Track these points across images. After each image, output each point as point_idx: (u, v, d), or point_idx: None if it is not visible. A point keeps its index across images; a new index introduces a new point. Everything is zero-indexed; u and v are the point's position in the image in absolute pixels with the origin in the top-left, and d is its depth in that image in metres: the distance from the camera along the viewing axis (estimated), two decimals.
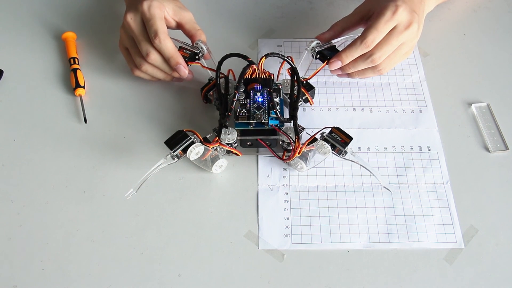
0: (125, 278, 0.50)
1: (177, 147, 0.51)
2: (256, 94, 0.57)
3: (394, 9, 0.55)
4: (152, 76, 0.61)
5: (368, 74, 0.60)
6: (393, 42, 0.56)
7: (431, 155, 0.59)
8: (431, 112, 0.62)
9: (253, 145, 0.57)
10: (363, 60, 0.57)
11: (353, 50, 0.57)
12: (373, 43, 0.56)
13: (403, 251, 0.52)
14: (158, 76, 0.61)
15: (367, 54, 0.57)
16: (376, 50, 0.56)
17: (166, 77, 0.61)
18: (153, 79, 0.62)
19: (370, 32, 0.55)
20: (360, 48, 0.56)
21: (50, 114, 0.62)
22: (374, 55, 0.56)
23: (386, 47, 0.56)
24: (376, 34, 0.55)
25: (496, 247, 0.52)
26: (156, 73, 0.60)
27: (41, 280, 0.50)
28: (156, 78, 0.61)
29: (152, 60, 0.58)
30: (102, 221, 0.54)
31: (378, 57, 0.56)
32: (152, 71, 0.60)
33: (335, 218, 0.54)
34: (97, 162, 0.58)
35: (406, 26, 0.56)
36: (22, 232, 0.53)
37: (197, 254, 0.52)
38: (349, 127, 0.60)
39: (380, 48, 0.56)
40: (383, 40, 0.56)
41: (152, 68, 0.60)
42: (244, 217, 0.54)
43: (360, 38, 0.56)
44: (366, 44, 0.55)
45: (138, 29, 0.58)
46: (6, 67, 0.65)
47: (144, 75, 0.61)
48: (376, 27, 0.55)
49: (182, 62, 0.58)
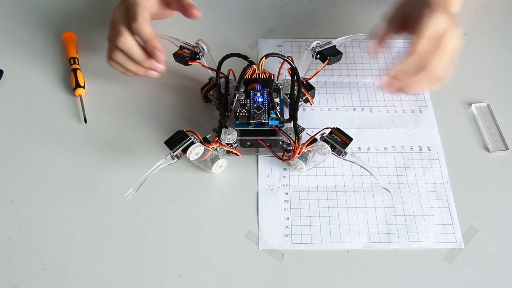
0: (125, 278, 0.50)
1: (177, 147, 0.51)
2: (256, 94, 0.57)
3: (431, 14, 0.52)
4: (124, 67, 0.58)
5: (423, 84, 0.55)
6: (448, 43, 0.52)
7: (431, 155, 0.59)
8: (431, 112, 0.62)
9: (253, 145, 0.57)
10: (417, 71, 0.53)
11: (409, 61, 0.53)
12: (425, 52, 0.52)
13: (403, 251, 0.52)
14: (130, 67, 0.58)
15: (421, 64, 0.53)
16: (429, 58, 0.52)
17: (138, 70, 0.58)
18: (128, 73, 0.59)
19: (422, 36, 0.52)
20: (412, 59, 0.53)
21: (50, 114, 0.62)
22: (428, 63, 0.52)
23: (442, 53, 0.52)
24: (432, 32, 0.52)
25: (496, 247, 0.52)
26: (127, 64, 0.58)
27: (41, 280, 0.50)
28: (129, 70, 0.59)
29: (122, 44, 0.55)
30: (102, 221, 0.54)
31: (433, 63, 0.52)
32: (124, 61, 0.58)
33: (335, 218, 0.54)
34: (97, 162, 0.58)
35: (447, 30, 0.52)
36: (22, 232, 0.53)
37: (197, 254, 0.52)
38: (349, 127, 0.60)
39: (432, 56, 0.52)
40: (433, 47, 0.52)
41: (124, 58, 0.57)
42: (244, 217, 0.54)
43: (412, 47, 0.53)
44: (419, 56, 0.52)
45: (119, 15, 0.56)
46: (6, 67, 0.65)
47: (117, 65, 0.59)
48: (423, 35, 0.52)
49: (160, 47, 0.56)
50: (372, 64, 0.67)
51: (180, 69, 0.63)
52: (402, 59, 0.54)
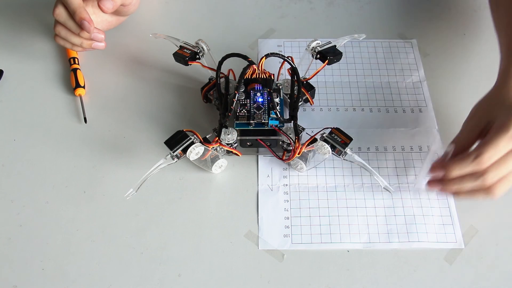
0: (125, 278, 0.50)
1: (177, 147, 0.51)
2: (256, 94, 0.57)
3: None
4: (68, 41, 0.59)
5: (477, 196, 0.50)
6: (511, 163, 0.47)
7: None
8: (431, 112, 0.62)
9: (253, 145, 0.57)
10: (473, 179, 0.48)
11: (464, 165, 0.47)
12: (489, 162, 0.47)
13: (403, 251, 0.52)
14: (73, 40, 0.59)
15: (478, 172, 0.47)
16: (490, 169, 0.47)
17: (82, 43, 0.59)
18: (75, 47, 0.60)
19: (488, 149, 0.46)
20: (472, 165, 0.47)
21: (50, 114, 0.62)
22: (487, 174, 0.47)
23: (502, 168, 0.47)
24: (495, 152, 0.46)
25: (496, 247, 0.52)
26: (69, 37, 0.58)
27: (41, 280, 0.50)
28: (75, 44, 0.59)
29: (57, 15, 0.56)
30: (102, 221, 0.54)
31: (490, 178, 0.47)
32: (65, 35, 0.58)
33: (335, 218, 0.54)
34: (97, 162, 0.58)
35: None
36: (22, 232, 0.53)
37: (197, 254, 0.52)
38: (349, 127, 0.60)
39: (496, 169, 0.47)
40: (501, 159, 0.47)
41: (64, 31, 0.58)
42: (244, 217, 0.54)
43: (474, 153, 0.47)
44: (481, 162, 0.47)
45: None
46: (6, 67, 0.65)
47: (61, 40, 0.59)
48: (496, 144, 0.46)
49: (87, 17, 0.55)
50: (372, 64, 0.67)
51: (180, 69, 0.63)
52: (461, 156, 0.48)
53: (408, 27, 0.71)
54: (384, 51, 0.68)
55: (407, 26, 0.71)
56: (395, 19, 0.72)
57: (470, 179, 0.48)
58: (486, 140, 0.47)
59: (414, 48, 0.69)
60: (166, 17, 0.72)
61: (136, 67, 0.66)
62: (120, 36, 0.69)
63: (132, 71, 0.66)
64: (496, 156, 0.47)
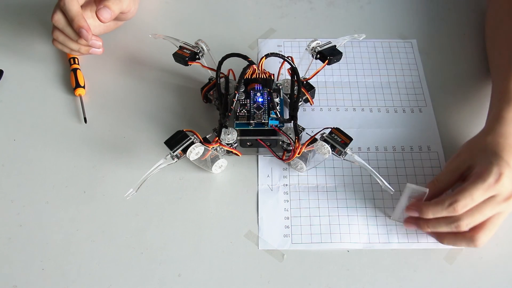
0: (125, 278, 0.50)
1: (177, 147, 0.51)
2: (256, 94, 0.57)
3: (497, 176, 0.46)
4: (66, 46, 0.59)
5: (460, 244, 0.50)
6: (487, 212, 0.47)
7: (431, 155, 0.59)
8: (431, 112, 0.62)
9: (253, 145, 0.57)
10: (446, 223, 0.48)
11: (438, 210, 0.48)
12: (463, 210, 0.47)
13: (403, 251, 0.52)
14: (70, 46, 0.59)
15: (453, 217, 0.48)
16: (464, 216, 0.47)
17: (80, 48, 0.59)
18: (73, 52, 0.61)
19: (463, 197, 0.47)
20: (446, 211, 0.47)
21: (50, 114, 0.62)
22: (461, 221, 0.47)
23: (477, 216, 0.47)
24: (470, 201, 0.47)
25: (496, 247, 0.52)
26: (67, 43, 0.59)
27: (41, 280, 0.50)
28: (73, 50, 0.60)
29: (55, 21, 0.56)
30: (102, 221, 0.54)
31: (465, 225, 0.47)
32: (64, 40, 0.58)
33: (335, 218, 0.54)
34: (97, 162, 0.58)
35: (506, 197, 0.47)
36: (22, 232, 0.53)
37: (197, 254, 0.52)
38: (349, 127, 0.60)
39: (470, 216, 0.47)
40: (476, 207, 0.47)
41: (62, 37, 0.58)
42: (244, 217, 0.54)
43: (449, 199, 0.47)
44: (455, 209, 0.47)
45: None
46: (6, 67, 0.65)
47: (59, 45, 0.60)
48: (471, 193, 0.46)
49: (85, 25, 0.55)
50: (372, 64, 0.67)
51: (180, 69, 0.63)
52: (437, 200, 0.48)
53: (408, 27, 0.71)
54: (384, 51, 0.68)
55: (407, 26, 0.71)
56: (395, 19, 0.72)
57: (444, 223, 0.48)
58: (463, 188, 0.47)
59: (414, 48, 0.69)
60: (166, 17, 0.72)
61: (136, 67, 0.66)
62: (120, 36, 0.69)
63: (132, 71, 0.66)
64: (470, 205, 0.47)
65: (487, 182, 0.47)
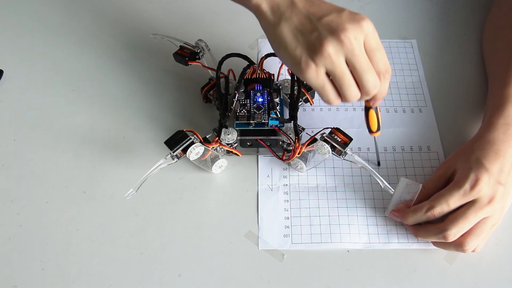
0: (125, 278, 0.50)
1: (177, 147, 0.51)
2: (256, 94, 0.57)
3: (474, 183, 0.47)
4: None
5: (449, 249, 0.51)
6: (471, 218, 0.47)
7: (431, 155, 0.59)
8: (431, 112, 0.62)
9: (253, 145, 0.57)
10: (434, 232, 0.49)
11: (418, 216, 0.49)
12: (440, 215, 0.48)
13: (403, 251, 0.52)
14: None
15: (440, 227, 0.48)
16: (449, 225, 0.48)
17: None
18: None
19: (439, 203, 0.48)
20: (425, 216, 0.49)
21: (50, 114, 0.62)
22: (448, 231, 0.47)
23: (462, 223, 0.47)
24: (445, 207, 0.48)
25: (496, 247, 0.52)
26: None
27: (41, 280, 0.50)
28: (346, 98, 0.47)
29: None
30: (102, 221, 0.54)
31: (452, 234, 0.47)
32: None
33: (335, 218, 0.54)
34: (97, 162, 0.58)
35: (487, 201, 0.47)
36: (22, 232, 0.53)
37: (197, 254, 0.52)
38: (349, 127, 0.60)
39: (455, 224, 0.47)
40: (458, 214, 0.48)
41: None
42: (244, 217, 0.54)
43: (427, 204, 0.49)
44: (433, 214, 0.48)
45: None
46: (6, 67, 0.65)
47: None
48: (446, 199, 0.48)
49: None
50: None
51: (180, 69, 0.63)
52: (417, 206, 0.49)
53: (408, 27, 0.71)
54: None
55: (407, 26, 0.71)
56: (395, 19, 0.72)
57: (433, 233, 0.49)
58: (439, 194, 0.49)
59: (414, 48, 0.69)
60: (166, 17, 0.72)
61: (136, 67, 0.66)
62: (120, 36, 0.69)
63: (132, 71, 0.66)
64: (446, 211, 0.48)
65: (463, 188, 0.48)
